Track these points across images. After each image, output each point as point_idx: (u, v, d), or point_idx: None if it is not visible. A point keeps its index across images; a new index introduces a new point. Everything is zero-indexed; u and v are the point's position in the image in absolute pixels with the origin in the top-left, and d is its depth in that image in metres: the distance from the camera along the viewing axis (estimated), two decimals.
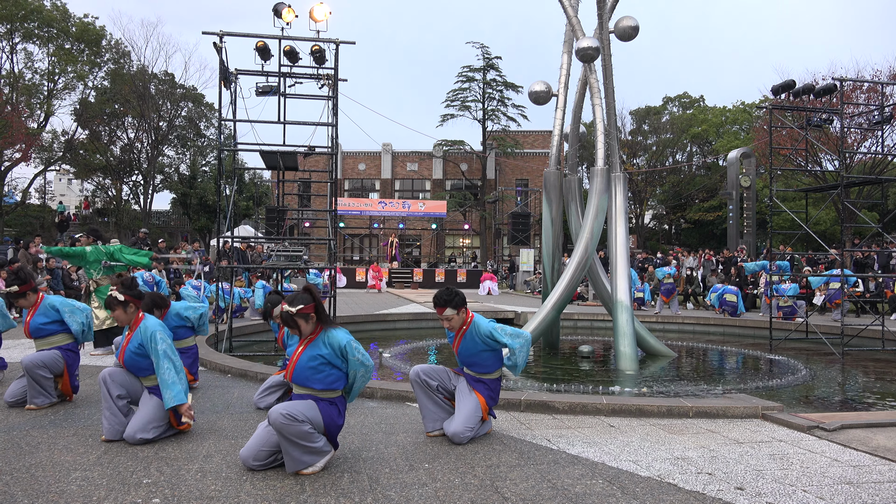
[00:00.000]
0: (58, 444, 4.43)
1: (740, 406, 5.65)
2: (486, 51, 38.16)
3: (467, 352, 4.80)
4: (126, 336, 4.67)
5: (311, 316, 3.96)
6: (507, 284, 29.06)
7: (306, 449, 3.81)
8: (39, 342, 5.73)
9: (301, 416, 3.76)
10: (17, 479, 3.70)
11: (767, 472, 4.06)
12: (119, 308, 4.64)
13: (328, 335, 3.98)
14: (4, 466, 3.91)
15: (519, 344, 4.74)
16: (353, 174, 42.11)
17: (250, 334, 11.59)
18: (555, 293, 10.10)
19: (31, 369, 5.35)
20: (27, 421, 5.06)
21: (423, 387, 4.76)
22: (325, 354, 3.94)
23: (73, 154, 37.90)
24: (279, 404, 3.84)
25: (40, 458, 4.11)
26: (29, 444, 4.42)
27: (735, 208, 29.54)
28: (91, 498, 3.42)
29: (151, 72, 38.60)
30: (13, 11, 32.26)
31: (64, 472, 3.84)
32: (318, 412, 3.91)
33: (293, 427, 3.72)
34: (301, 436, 3.76)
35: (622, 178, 10.22)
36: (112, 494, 3.48)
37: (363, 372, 4.06)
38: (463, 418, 4.59)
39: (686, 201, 42.60)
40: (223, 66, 9.78)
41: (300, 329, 3.96)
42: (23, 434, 4.67)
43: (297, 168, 11.07)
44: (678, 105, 45.84)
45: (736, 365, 10.57)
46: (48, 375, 5.48)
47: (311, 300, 3.96)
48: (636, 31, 9.99)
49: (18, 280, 5.73)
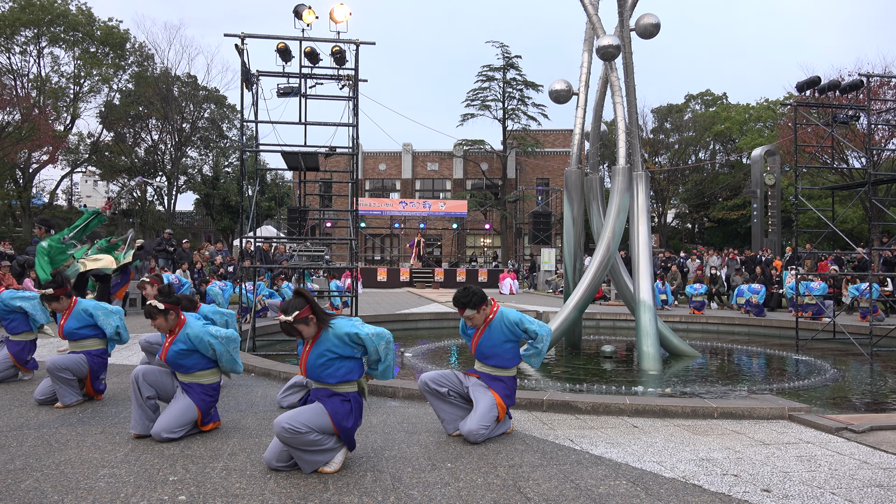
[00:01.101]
0: (86, 441, 4.50)
1: (766, 407, 5.58)
2: (505, 50, 38.13)
3: (489, 343, 4.79)
4: (168, 338, 4.73)
5: (310, 318, 3.93)
6: (528, 284, 28.96)
7: (316, 451, 3.83)
8: (73, 344, 5.83)
9: (303, 427, 3.74)
10: (47, 475, 3.77)
11: (795, 474, 4.00)
12: (160, 317, 4.68)
13: (333, 328, 3.97)
14: (35, 463, 3.98)
15: (546, 331, 4.88)
16: (374, 174, 42.26)
17: (273, 334, 11.67)
18: (577, 293, 10.05)
19: (53, 371, 5.45)
20: (56, 419, 5.14)
21: (434, 394, 4.77)
22: (333, 348, 3.94)
23: (99, 156, 38.54)
24: (283, 414, 3.82)
25: (69, 455, 4.17)
26: (58, 441, 4.49)
27: (759, 207, 29.18)
28: (119, 494, 3.47)
29: (175, 74, 39.10)
30: (40, 16, 32.87)
31: (92, 468, 3.90)
32: (327, 416, 3.88)
33: (297, 438, 3.74)
34: (306, 444, 3.78)
35: (644, 176, 10.14)
36: (139, 491, 3.52)
37: (384, 344, 4.04)
38: (478, 417, 4.57)
39: (709, 200, 42.18)
40: (245, 67, 9.86)
41: (303, 334, 3.95)
42: (52, 431, 4.75)
43: (319, 168, 11.13)
44: (701, 103, 45.41)
45: (761, 365, 10.44)
46: (71, 377, 5.56)
47: (305, 302, 3.93)
48: (657, 28, 9.91)
49: (54, 283, 5.83)
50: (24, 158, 31.35)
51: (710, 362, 10.54)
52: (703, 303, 16.54)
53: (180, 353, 4.66)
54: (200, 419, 4.68)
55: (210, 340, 4.67)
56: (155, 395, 4.69)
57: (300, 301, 3.92)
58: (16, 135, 26.14)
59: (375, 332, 4.02)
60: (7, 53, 33.08)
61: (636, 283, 9.87)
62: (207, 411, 4.74)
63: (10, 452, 4.20)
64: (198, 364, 4.71)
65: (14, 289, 6.83)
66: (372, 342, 3.98)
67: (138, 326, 11.06)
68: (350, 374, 4.01)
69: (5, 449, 4.27)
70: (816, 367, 9.68)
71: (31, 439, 4.52)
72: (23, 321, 6.66)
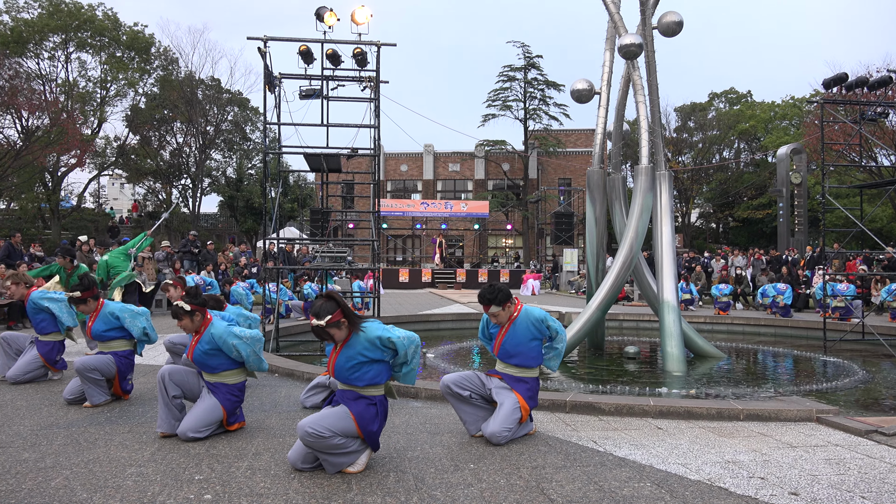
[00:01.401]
0: (114, 440, 4.57)
1: (793, 409, 5.50)
2: (526, 50, 37.99)
3: (514, 341, 4.79)
4: (194, 337, 4.79)
5: (342, 322, 3.90)
6: (551, 285, 28.85)
7: (340, 454, 3.84)
8: (101, 345, 5.93)
9: (327, 432, 3.74)
10: (76, 473, 3.83)
11: (823, 478, 3.94)
12: (186, 317, 4.74)
13: (364, 332, 3.95)
14: (65, 461, 4.05)
15: (565, 332, 4.97)
16: (396, 175, 42.37)
17: (297, 334, 11.76)
18: (599, 293, 9.99)
19: (82, 372, 5.54)
20: (85, 418, 5.23)
21: (456, 398, 4.76)
22: (363, 351, 3.92)
23: (125, 159, 39.11)
24: (307, 418, 3.82)
25: (97, 453, 4.24)
26: (87, 440, 4.57)
27: (785, 206, 28.79)
28: (146, 493, 3.52)
29: (199, 77, 39.56)
30: (67, 22, 33.46)
31: (120, 467, 3.96)
32: (351, 420, 3.87)
33: (320, 442, 3.75)
34: (330, 448, 3.78)
35: (667, 176, 10.05)
36: (166, 490, 3.57)
37: (413, 348, 4.05)
38: (501, 418, 4.56)
39: (734, 199, 41.68)
40: (267, 70, 9.94)
41: (334, 337, 3.93)
42: (81, 430, 4.83)
43: (341, 170, 11.18)
44: (725, 101, 44.91)
45: (788, 367, 10.29)
46: (100, 378, 5.65)
47: (337, 306, 3.88)
48: (680, 26, 9.82)
49: (82, 286, 5.93)
50: (52, 162, 31.91)
51: (736, 363, 10.42)
52: (728, 303, 16.34)
53: (206, 354, 4.71)
54: (226, 419, 4.72)
55: (234, 342, 4.71)
56: (181, 395, 4.75)
57: (331, 305, 3.88)
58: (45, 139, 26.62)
59: (406, 336, 4.02)
60: (36, 59, 33.71)
61: (660, 283, 9.79)
62: (233, 411, 4.79)
63: (41, 451, 4.27)
64: (223, 364, 4.76)
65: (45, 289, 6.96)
66: (403, 346, 3.98)
67: (165, 327, 11.21)
68: (378, 377, 4.01)
69: (36, 447, 4.35)
70: (845, 368, 9.52)
71: (60, 438, 4.60)
72: (51, 322, 6.78)
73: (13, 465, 3.96)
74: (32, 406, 5.63)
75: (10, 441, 4.50)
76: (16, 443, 4.46)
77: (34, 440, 4.54)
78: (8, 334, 7.00)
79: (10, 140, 26.29)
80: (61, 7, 33.77)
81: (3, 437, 4.59)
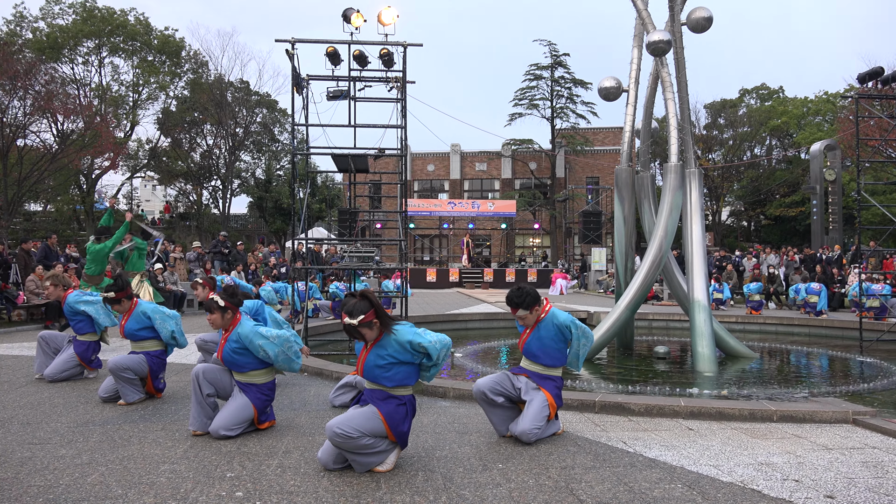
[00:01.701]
0: (147, 437, 4.64)
1: (829, 410, 5.39)
2: (553, 48, 37.81)
3: (539, 342, 4.77)
4: (223, 335, 4.85)
5: (374, 322, 3.89)
6: (579, 284, 28.69)
7: (369, 454, 3.85)
8: (133, 345, 6.04)
9: (355, 432, 3.75)
10: (111, 470, 3.91)
11: (860, 481, 3.85)
12: (218, 312, 4.80)
13: (395, 334, 3.94)
14: (100, 458, 4.13)
15: (592, 334, 4.96)
16: (423, 175, 42.43)
17: (325, 334, 11.85)
18: (628, 293, 9.90)
19: (115, 371, 5.65)
20: (119, 416, 5.33)
21: (489, 403, 4.74)
22: (394, 353, 3.92)
23: (157, 161, 39.77)
24: (335, 419, 3.83)
25: (132, 450, 4.32)
26: (121, 437, 4.65)
27: (819, 203, 28.25)
28: (179, 490, 3.57)
29: (228, 80, 40.10)
30: (101, 27, 34.18)
31: (153, 464, 4.03)
32: (380, 420, 3.88)
33: (349, 442, 3.76)
34: (359, 448, 3.79)
35: (697, 173, 9.93)
36: (198, 487, 3.62)
37: (444, 351, 4.04)
38: (531, 417, 4.55)
39: (766, 197, 41.02)
40: (295, 72, 10.02)
41: (365, 337, 3.93)
42: (115, 428, 4.92)
43: (368, 170, 11.23)
44: (756, 97, 44.23)
45: (822, 367, 10.09)
46: (132, 377, 5.75)
47: (370, 306, 3.87)
48: (710, 22, 9.69)
49: (116, 287, 6.04)
50: (87, 165, 32.57)
51: (769, 364, 10.25)
52: (760, 303, 16.07)
53: (234, 352, 4.76)
54: (257, 417, 4.77)
55: (260, 342, 4.72)
56: (214, 393, 4.81)
57: (365, 304, 3.86)
58: (79, 142, 27.17)
59: (438, 340, 3.99)
60: (71, 64, 34.48)
61: (690, 282, 9.67)
62: (263, 410, 4.84)
63: (77, 448, 4.37)
64: (250, 364, 4.80)
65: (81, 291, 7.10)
66: (435, 350, 3.96)
67: (196, 327, 11.37)
68: (407, 378, 4.02)
69: (72, 444, 4.45)
70: (882, 369, 9.31)
71: (96, 435, 4.69)
72: (88, 323, 6.92)
73: (51, 462, 4.05)
74: (69, 404, 5.76)
75: (48, 438, 4.61)
76: (53, 439, 4.56)
77: (71, 437, 4.64)
78: (46, 333, 7.16)
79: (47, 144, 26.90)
80: (95, 13, 34.51)
81: (41, 434, 4.70)
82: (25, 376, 7.06)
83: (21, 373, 7.27)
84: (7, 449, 4.32)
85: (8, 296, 12.31)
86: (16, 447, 4.36)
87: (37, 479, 3.73)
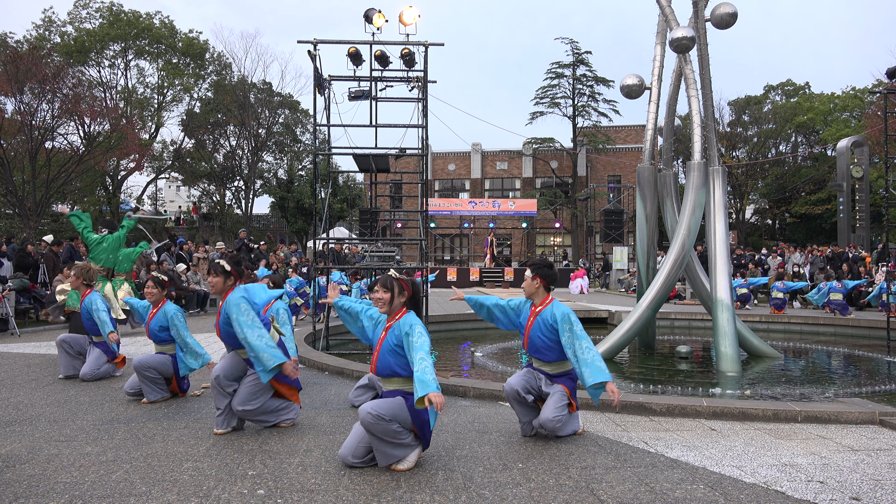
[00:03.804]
0: (171, 435, 4.71)
1: (855, 411, 5.31)
2: (575, 46, 37.57)
3: (538, 332, 4.72)
4: (217, 310, 4.89)
5: (406, 292, 4.11)
6: (601, 283, 28.52)
7: (395, 444, 3.89)
8: (157, 346, 6.10)
9: (388, 416, 3.82)
10: (135, 467, 3.97)
11: (887, 483, 3.79)
12: (220, 276, 4.79)
13: (408, 317, 4.06)
14: (125, 455, 4.20)
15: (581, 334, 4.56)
16: (444, 174, 42.45)
17: (346, 333, 11.88)
18: (650, 292, 9.82)
19: (139, 370, 5.73)
20: (143, 414, 5.41)
21: (521, 402, 4.72)
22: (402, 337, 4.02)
23: (181, 162, 40.25)
24: (368, 403, 3.91)
25: (155, 448, 4.38)
26: (146, 435, 4.72)
27: (846, 201, 27.78)
28: (202, 487, 3.62)
29: (251, 81, 40.44)
30: (126, 31, 34.69)
31: (177, 462, 4.08)
32: (407, 411, 3.92)
33: (381, 426, 3.80)
34: (389, 433, 3.84)
35: (721, 171, 9.82)
36: (221, 484, 3.66)
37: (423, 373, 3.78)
38: (552, 407, 4.54)
39: (791, 194, 40.42)
40: (317, 72, 10.08)
41: (391, 299, 4.08)
42: (140, 426, 4.99)
43: (389, 170, 11.27)
44: (781, 93, 43.59)
45: (848, 367, 9.93)
46: (156, 376, 5.82)
47: (413, 288, 4.14)
48: (734, 18, 9.56)
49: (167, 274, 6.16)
50: (113, 166, 33.05)
51: (793, 364, 10.11)
52: (783, 301, 15.85)
53: (226, 324, 4.77)
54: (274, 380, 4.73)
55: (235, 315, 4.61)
56: (237, 385, 4.83)
57: (413, 282, 4.15)
58: (105, 144, 27.59)
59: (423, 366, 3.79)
60: (97, 67, 35.02)
61: (713, 281, 9.56)
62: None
63: (102, 445, 4.44)
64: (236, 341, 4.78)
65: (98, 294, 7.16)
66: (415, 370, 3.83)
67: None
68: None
69: (98, 441, 4.52)
70: None
71: (120, 433, 4.77)
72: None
73: (77, 458, 4.12)
74: (95, 402, 5.85)
75: (74, 435, 4.69)
76: (79, 437, 4.64)
77: (96, 434, 4.71)
78: (67, 336, 7.20)
79: (74, 146, 27.34)
80: (121, 17, 35.02)
81: (68, 431, 4.79)
82: (52, 374, 7.19)
83: (48, 371, 7.41)
84: (35, 446, 4.40)
85: (36, 295, 12.54)
86: (43, 444, 4.45)
87: (63, 475, 3.80)
